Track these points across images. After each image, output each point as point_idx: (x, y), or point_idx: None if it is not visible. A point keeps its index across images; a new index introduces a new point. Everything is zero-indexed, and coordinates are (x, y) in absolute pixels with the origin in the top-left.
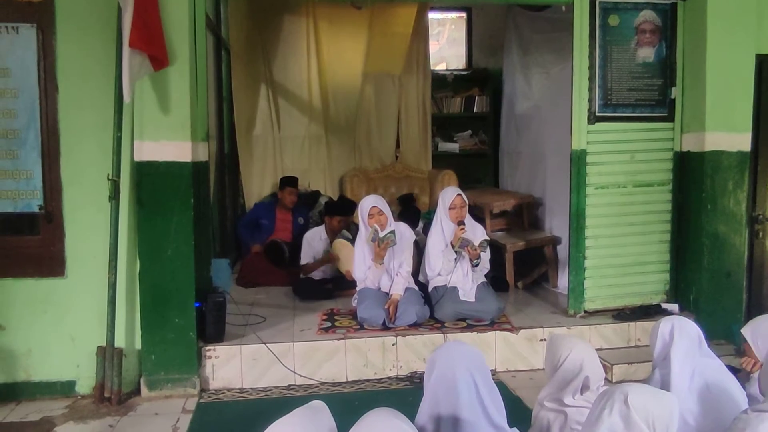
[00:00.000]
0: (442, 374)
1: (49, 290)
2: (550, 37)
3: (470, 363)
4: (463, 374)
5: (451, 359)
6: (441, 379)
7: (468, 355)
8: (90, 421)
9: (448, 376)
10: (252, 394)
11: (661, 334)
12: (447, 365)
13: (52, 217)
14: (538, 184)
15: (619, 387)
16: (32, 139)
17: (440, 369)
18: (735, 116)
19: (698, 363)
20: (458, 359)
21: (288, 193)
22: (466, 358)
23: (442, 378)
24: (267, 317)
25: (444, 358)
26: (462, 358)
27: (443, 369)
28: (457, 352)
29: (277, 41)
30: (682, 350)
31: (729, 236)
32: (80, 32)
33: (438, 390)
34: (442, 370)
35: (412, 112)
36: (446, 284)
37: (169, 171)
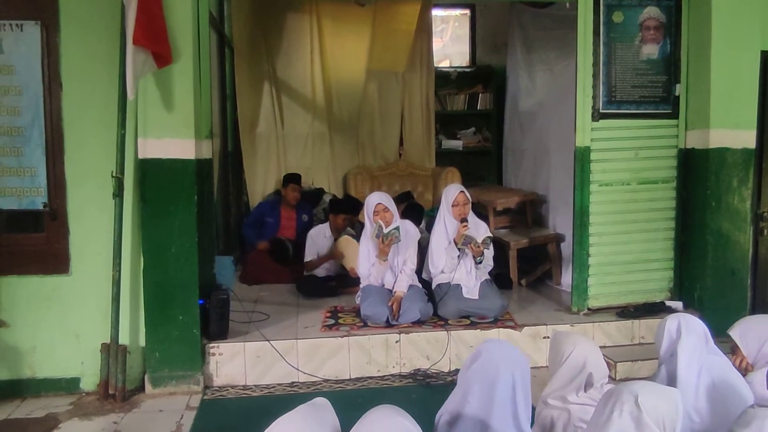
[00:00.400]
0: (484, 368)
1: (53, 287)
2: (554, 34)
3: (515, 366)
4: (505, 374)
5: (497, 356)
6: (481, 372)
7: (515, 357)
8: (94, 417)
9: (489, 371)
10: (255, 391)
11: (668, 331)
12: (491, 360)
13: (56, 215)
14: (542, 181)
15: (627, 387)
16: (36, 137)
17: (483, 361)
18: (740, 113)
19: (705, 360)
20: (504, 358)
21: (291, 190)
22: (513, 359)
23: (482, 371)
24: (270, 314)
25: (490, 351)
26: (508, 358)
27: (486, 363)
28: (505, 351)
29: (280, 38)
30: (689, 347)
31: (733, 233)
32: (84, 29)
33: (474, 382)
34: (485, 363)
35: (415, 110)
36: (449, 281)
37: (172, 168)
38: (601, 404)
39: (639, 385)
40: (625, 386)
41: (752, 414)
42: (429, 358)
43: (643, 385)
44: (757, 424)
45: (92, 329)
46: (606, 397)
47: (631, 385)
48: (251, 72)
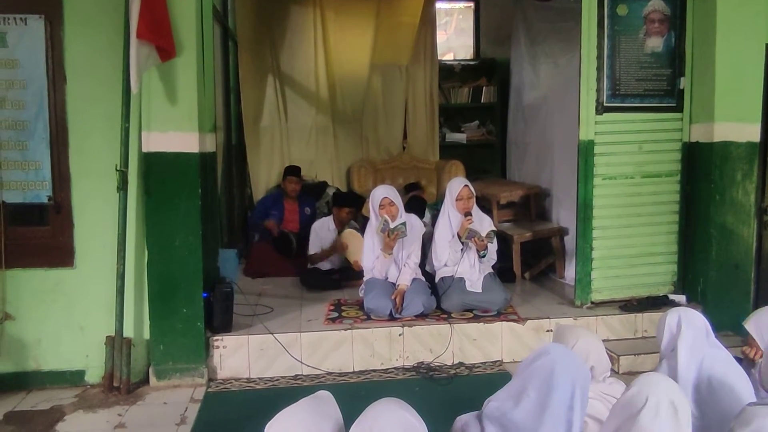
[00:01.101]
0: (545, 369)
1: (58, 280)
2: (558, 26)
3: (578, 376)
4: (565, 383)
5: (564, 361)
6: (542, 371)
7: (579, 368)
8: (99, 410)
9: (549, 374)
10: (259, 384)
11: (668, 325)
12: (555, 362)
13: (60, 208)
14: (546, 174)
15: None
16: (41, 130)
17: (546, 362)
18: (744, 106)
19: (706, 354)
20: (569, 365)
21: (289, 182)
22: (577, 370)
23: (543, 371)
24: (274, 307)
25: (557, 354)
26: (572, 367)
27: (550, 364)
28: (571, 359)
29: (283, 32)
30: (689, 341)
31: (737, 227)
32: (88, 23)
33: (533, 380)
34: (548, 364)
35: (419, 103)
36: (453, 275)
37: (176, 162)
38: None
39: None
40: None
41: (752, 412)
42: (432, 351)
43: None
44: (757, 423)
45: (97, 322)
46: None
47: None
48: (255, 65)
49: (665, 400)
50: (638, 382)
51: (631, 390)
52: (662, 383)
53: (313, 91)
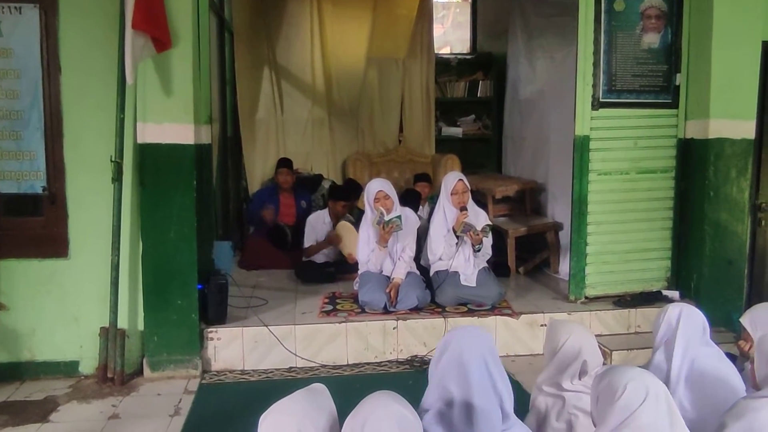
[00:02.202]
0: (454, 358)
1: (52, 271)
2: (555, 21)
3: (483, 348)
4: (476, 359)
5: (464, 343)
6: (452, 362)
7: (481, 339)
8: (93, 401)
9: (460, 359)
10: (253, 376)
11: (668, 319)
12: (459, 349)
13: (55, 199)
14: (541, 169)
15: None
16: (35, 120)
17: (452, 352)
18: (739, 103)
19: (700, 350)
20: (471, 343)
21: (280, 174)
22: (479, 342)
23: (453, 361)
24: (269, 300)
25: (456, 341)
26: (475, 343)
27: (455, 352)
28: (470, 337)
29: (280, 24)
30: (686, 337)
31: (731, 224)
32: (83, 13)
33: (448, 373)
34: (454, 353)
35: (415, 96)
36: (448, 269)
37: (171, 153)
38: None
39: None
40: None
41: (745, 406)
42: (426, 344)
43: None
44: (749, 417)
45: (91, 313)
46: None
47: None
48: (251, 57)
49: (662, 392)
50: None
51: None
52: (650, 376)
53: (310, 83)
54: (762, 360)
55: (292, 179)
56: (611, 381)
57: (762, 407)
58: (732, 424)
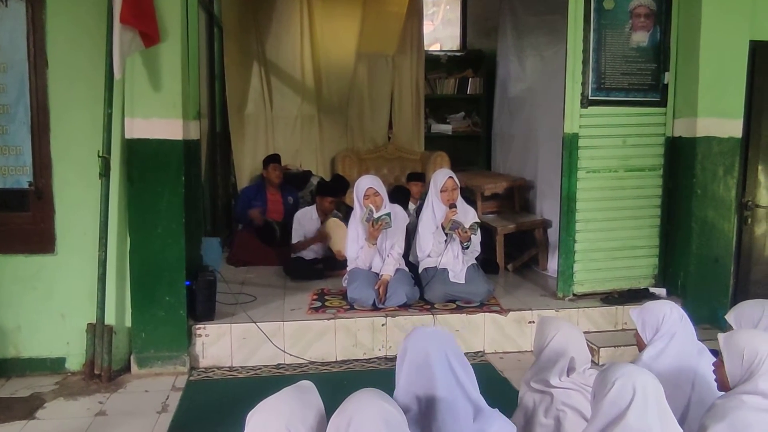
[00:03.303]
0: (415, 357)
1: (38, 267)
2: (545, 19)
3: (442, 343)
4: (437, 354)
5: (423, 342)
6: (414, 362)
7: (438, 336)
8: (80, 397)
9: (421, 358)
10: (242, 373)
11: (662, 314)
12: (419, 348)
13: (41, 194)
14: (530, 167)
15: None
16: (21, 115)
17: (413, 353)
18: (727, 102)
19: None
20: (429, 341)
21: (273, 170)
22: (437, 339)
23: (415, 361)
24: (257, 296)
25: (415, 341)
26: (432, 340)
27: (416, 352)
28: (427, 335)
29: (270, 19)
30: (669, 335)
31: (718, 222)
32: (70, 6)
33: (412, 373)
34: (415, 353)
35: (405, 93)
36: (436, 266)
37: (160, 149)
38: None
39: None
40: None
41: (724, 406)
42: None
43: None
44: (731, 417)
45: (78, 309)
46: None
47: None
48: (240, 52)
49: (651, 389)
50: (615, 373)
51: (614, 385)
52: (642, 373)
53: (299, 79)
54: (734, 362)
55: (282, 174)
56: (604, 377)
57: (740, 406)
58: (713, 426)
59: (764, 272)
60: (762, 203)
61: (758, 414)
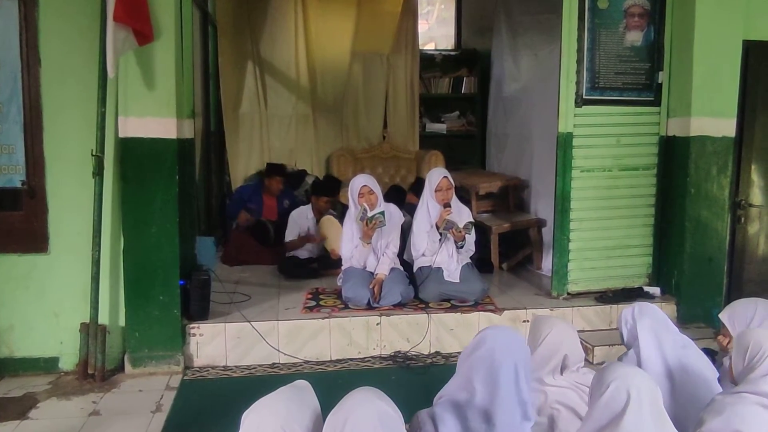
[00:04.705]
0: (486, 356)
1: (31, 266)
2: (540, 18)
3: (517, 354)
4: (508, 363)
5: (501, 344)
6: (483, 360)
7: (517, 345)
8: (73, 397)
9: (493, 359)
10: (236, 372)
11: (624, 317)
12: (493, 348)
13: (34, 193)
14: (525, 166)
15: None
16: (14, 113)
17: (487, 349)
18: (721, 102)
19: (667, 340)
20: (507, 346)
21: (276, 182)
22: (515, 347)
23: (484, 359)
24: (252, 296)
25: (494, 339)
26: (511, 346)
27: (490, 350)
28: (508, 339)
29: (264, 18)
30: (647, 329)
31: (711, 221)
32: (63, 4)
33: (477, 369)
34: (489, 351)
35: (400, 92)
36: (431, 265)
37: (153, 148)
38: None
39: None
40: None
41: (722, 402)
42: (409, 340)
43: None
44: (728, 413)
45: (71, 308)
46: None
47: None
48: (235, 51)
49: (646, 393)
50: (611, 375)
51: (609, 388)
52: (637, 376)
53: (294, 78)
54: (739, 355)
55: (283, 187)
56: (601, 378)
57: (739, 402)
58: (711, 420)
59: (757, 271)
60: (755, 202)
61: (755, 408)
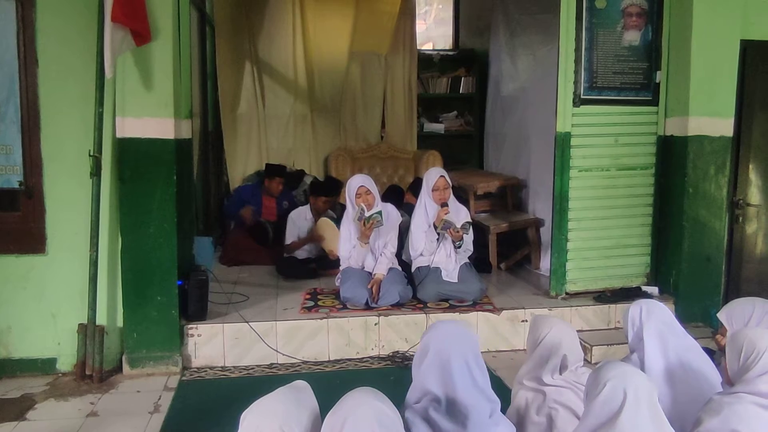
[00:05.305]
0: (435, 359)
1: (29, 267)
2: (537, 18)
3: (463, 344)
4: (456, 356)
5: (446, 343)
6: (433, 363)
7: (459, 335)
8: (71, 398)
9: (441, 360)
10: (234, 373)
11: (632, 318)
12: (441, 349)
13: (32, 193)
14: (523, 166)
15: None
16: (12, 114)
17: (433, 354)
18: (718, 101)
19: (671, 343)
20: (451, 342)
21: (276, 183)
22: (458, 339)
23: (434, 363)
24: (250, 296)
25: (437, 342)
26: (455, 340)
27: (437, 353)
28: (450, 334)
29: (262, 18)
30: (654, 332)
31: (709, 221)
32: (61, 4)
33: (430, 373)
34: (435, 354)
35: (398, 92)
36: (429, 264)
37: (151, 148)
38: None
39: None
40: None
41: (720, 402)
42: (407, 340)
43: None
44: (725, 412)
45: (69, 309)
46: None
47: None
48: (232, 52)
49: (643, 392)
50: (606, 374)
51: (605, 387)
52: (633, 375)
53: (292, 78)
54: (734, 356)
55: (283, 188)
56: (596, 377)
57: (736, 402)
58: (708, 420)
59: (755, 270)
60: (753, 202)
61: (752, 408)
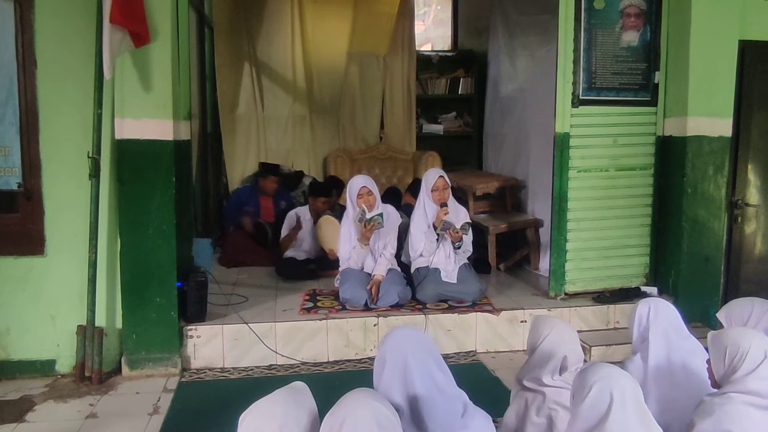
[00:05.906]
0: (395, 365)
1: (28, 268)
2: (536, 19)
3: (416, 346)
4: (420, 370)
5: (400, 348)
6: (394, 369)
7: (413, 339)
8: (70, 400)
9: (400, 364)
10: (233, 374)
11: (639, 317)
12: (397, 354)
13: (31, 195)
14: (522, 166)
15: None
16: (10, 115)
17: (392, 361)
18: (717, 101)
19: (676, 345)
20: (406, 346)
21: (270, 181)
22: (412, 343)
23: (394, 368)
24: (249, 297)
25: (392, 348)
26: (408, 344)
27: (394, 359)
28: (403, 340)
29: (260, 19)
30: (659, 333)
31: (708, 221)
32: (59, 6)
33: (392, 378)
34: (393, 360)
35: (396, 93)
36: (428, 265)
37: (150, 149)
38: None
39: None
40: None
41: (710, 403)
42: None
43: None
44: (718, 413)
45: (68, 311)
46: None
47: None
48: (231, 53)
49: (629, 393)
50: (592, 377)
51: (591, 390)
52: (618, 376)
53: (290, 79)
54: (718, 358)
55: (278, 186)
56: (583, 379)
57: (727, 402)
58: (701, 422)
59: (754, 270)
60: (752, 202)
61: (743, 408)
